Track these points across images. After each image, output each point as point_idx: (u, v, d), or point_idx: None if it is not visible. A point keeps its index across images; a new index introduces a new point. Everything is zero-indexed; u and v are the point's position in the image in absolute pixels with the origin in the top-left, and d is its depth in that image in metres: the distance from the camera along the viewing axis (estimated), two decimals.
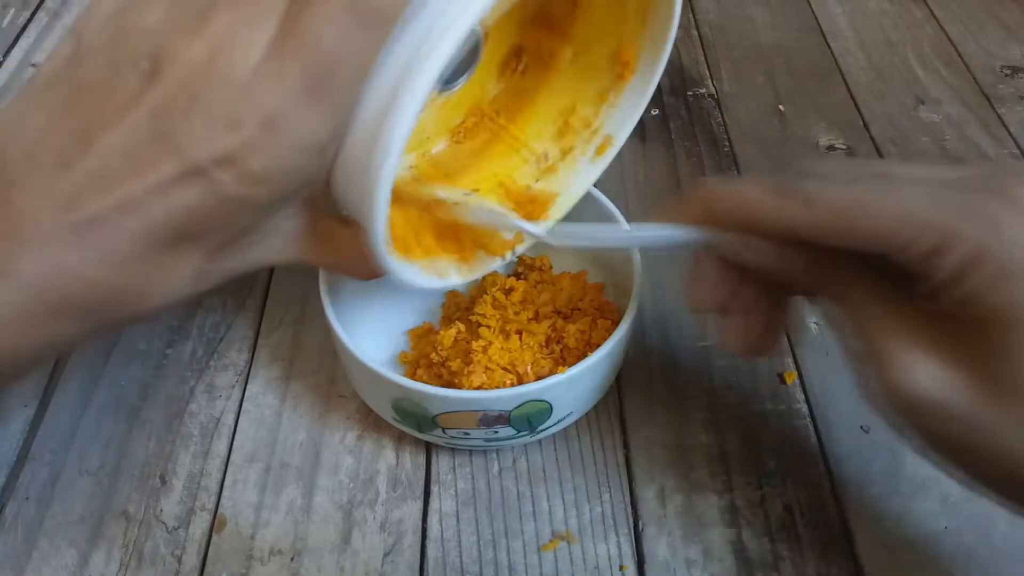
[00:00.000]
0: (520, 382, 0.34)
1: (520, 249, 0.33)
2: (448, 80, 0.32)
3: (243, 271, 0.27)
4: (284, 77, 0.21)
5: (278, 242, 0.27)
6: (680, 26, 0.63)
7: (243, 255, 0.26)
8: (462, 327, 0.37)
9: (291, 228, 0.27)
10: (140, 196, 0.22)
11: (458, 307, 0.40)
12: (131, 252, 0.22)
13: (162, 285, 0.24)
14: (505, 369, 0.35)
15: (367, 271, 0.28)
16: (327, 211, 0.28)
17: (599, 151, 0.34)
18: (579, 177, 0.35)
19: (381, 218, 0.24)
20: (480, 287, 0.39)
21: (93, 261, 0.22)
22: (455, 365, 0.35)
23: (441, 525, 0.35)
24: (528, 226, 0.31)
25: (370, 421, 0.38)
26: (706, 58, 0.60)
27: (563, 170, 0.35)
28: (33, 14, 0.63)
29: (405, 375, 0.35)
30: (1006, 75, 0.58)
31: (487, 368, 0.34)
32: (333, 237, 0.28)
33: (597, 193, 0.38)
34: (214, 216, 0.23)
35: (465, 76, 0.32)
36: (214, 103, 0.21)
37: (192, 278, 0.25)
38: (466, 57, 0.32)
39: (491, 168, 0.34)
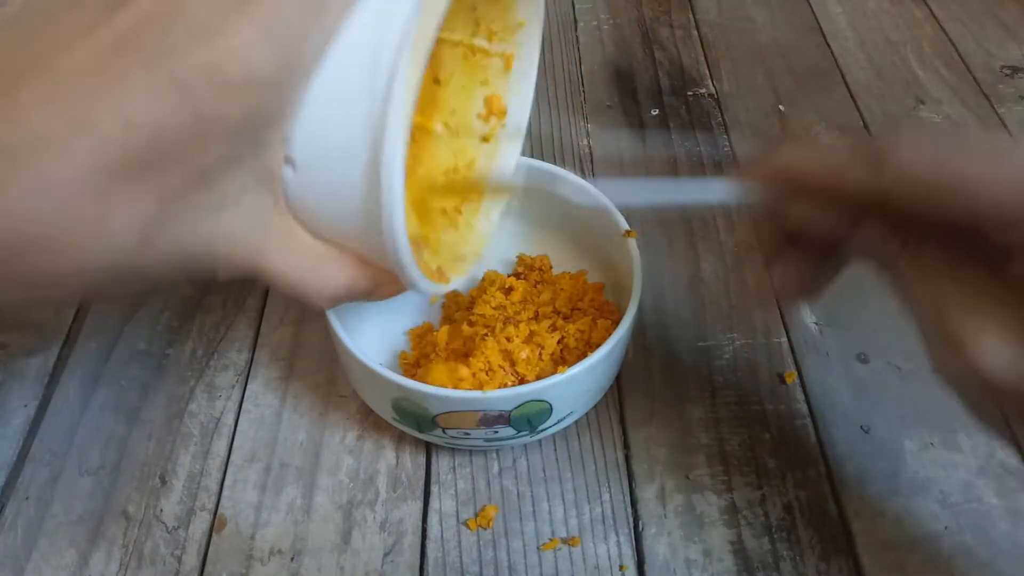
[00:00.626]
0: (520, 382, 0.34)
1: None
2: None
3: (194, 252, 0.23)
4: None
5: (234, 220, 0.24)
6: (680, 26, 0.64)
7: (196, 222, 0.23)
8: (462, 326, 0.37)
9: (249, 206, 0.24)
10: (98, 113, 0.20)
11: (458, 307, 0.40)
12: (75, 180, 0.20)
13: (104, 232, 0.21)
14: (505, 369, 0.35)
15: (341, 289, 0.27)
16: (287, 211, 0.26)
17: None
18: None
19: (400, 211, 0.23)
20: (480, 287, 0.39)
21: (25, 191, 0.19)
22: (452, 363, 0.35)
23: (441, 525, 0.35)
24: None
25: (370, 421, 0.38)
26: (706, 58, 0.60)
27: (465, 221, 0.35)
28: None
29: (405, 375, 0.35)
30: (1006, 75, 0.58)
31: (487, 368, 0.34)
32: (298, 240, 0.26)
33: (595, 191, 0.38)
34: (177, 137, 0.21)
35: None
36: (198, 11, 0.20)
37: (139, 233, 0.21)
38: None
39: None
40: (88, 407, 0.39)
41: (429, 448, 0.38)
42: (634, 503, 0.36)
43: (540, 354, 0.36)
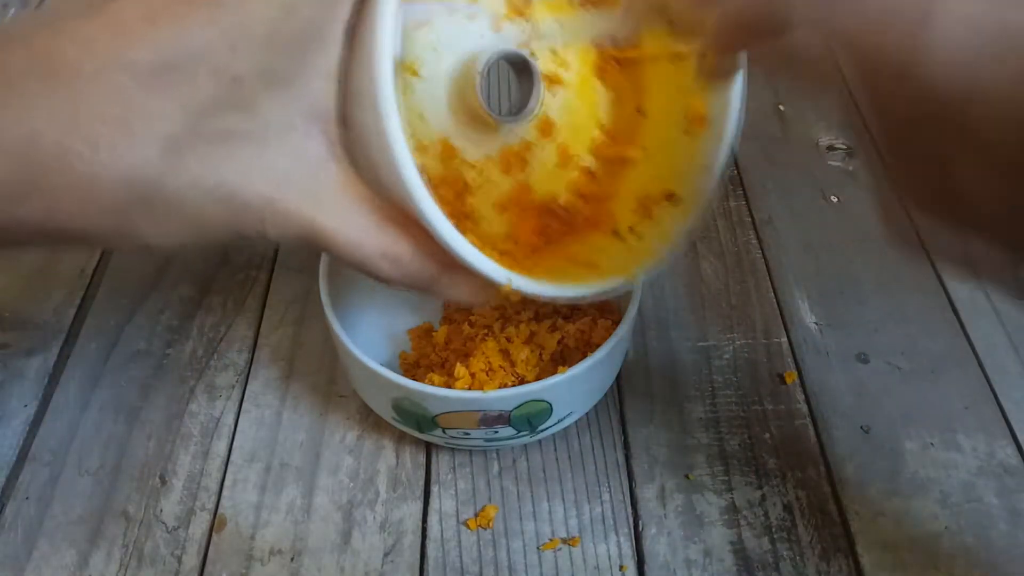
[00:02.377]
0: (520, 382, 0.34)
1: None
2: (513, 113, 0.32)
3: (230, 184, 0.22)
4: None
5: (280, 157, 0.22)
6: None
7: (231, 149, 0.21)
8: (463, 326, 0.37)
9: (297, 146, 0.22)
10: (128, 16, 0.19)
11: (458, 307, 0.40)
12: (98, 78, 0.19)
13: (124, 134, 0.20)
14: (505, 369, 0.35)
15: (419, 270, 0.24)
16: (348, 163, 0.23)
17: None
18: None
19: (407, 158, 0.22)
20: None
21: (44, 85, 0.19)
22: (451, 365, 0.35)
23: (441, 525, 0.35)
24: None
25: (370, 421, 0.38)
26: None
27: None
28: None
29: (405, 375, 0.35)
30: None
31: (487, 368, 0.34)
32: (360, 194, 0.24)
33: None
34: (202, 34, 0.20)
35: (526, 113, 0.32)
36: None
37: (164, 148, 0.20)
38: (521, 96, 0.32)
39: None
40: (88, 407, 0.39)
41: (429, 448, 0.38)
42: (634, 503, 0.36)
43: (540, 354, 0.36)
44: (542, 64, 0.33)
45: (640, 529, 0.35)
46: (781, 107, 0.56)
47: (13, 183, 0.19)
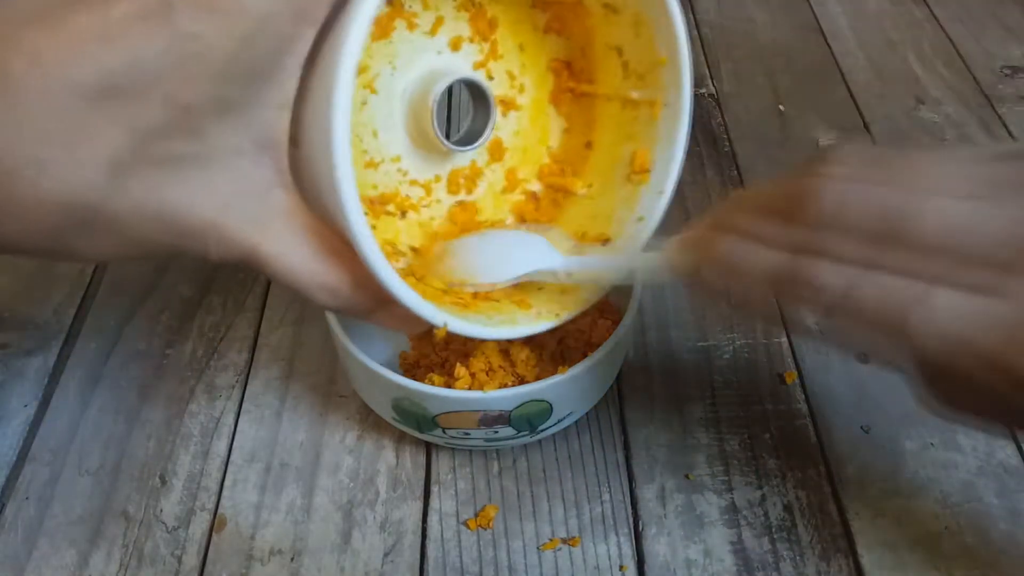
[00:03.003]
0: (520, 382, 0.34)
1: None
2: (464, 141, 0.32)
3: (173, 207, 0.21)
4: None
5: (226, 183, 0.22)
6: None
7: (176, 176, 0.21)
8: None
9: (245, 172, 0.22)
10: (79, 28, 0.19)
11: None
12: (44, 94, 0.18)
13: (69, 159, 0.19)
14: (505, 369, 0.35)
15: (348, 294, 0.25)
16: (295, 190, 0.23)
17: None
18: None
19: (356, 210, 0.22)
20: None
21: None
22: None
23: (441, 525, 0.35)
24: (542, 262, 0.30)
25: (370, 421, 0.38)
26: (706, 58, 0.60)
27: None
28: None
29: (405, 375, 0.35)
30: (1006, 75, 0.58)
31: (487, 368, 0.34)
32: (303, 223, 0.24)
33: None
34: (156, 62, 0.19)
35: (481, 141, 0.32)
36: None
37: (107, 170, 0.20)
38: (476, 120, 0.32)
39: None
40: (88, 407, 0.39)
41: (429, 448, 0.38)
42: (634, 503, 0.36)
43: (540, 354, 0.36)
44: (498, 86, 0.33)
45: (640, 529, 0.35)
46: (781, 107, 0.56)
47: None
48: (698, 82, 0.58)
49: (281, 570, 0.34)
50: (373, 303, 0.26)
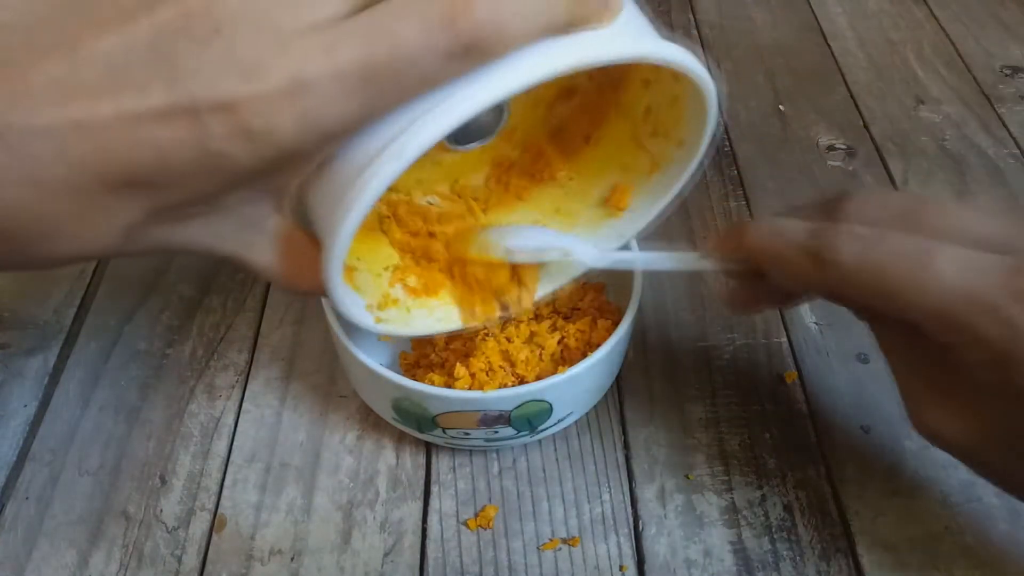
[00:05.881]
0: (520, 382, 0.34)
1: (539, 294, 0.32)
2: (460, 140, 0.31)
3: (176, 246, 0.23)
4: (336, 52, 0.19)
5: (228, 226, 0.23)
6: (681, 26, 0.64)
7: (184, 227, 0.23)
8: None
9: (248, 215, 0.24)
10: (107, 119, 0.19)
11: None
12: (68, 181, 0.19)
13: (86, 230, 0.20)
14: (505, 369, 0.35)
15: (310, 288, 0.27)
16: (289, 213, 0.25)
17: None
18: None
19: (343, 246, 0.23)
20: None
21: (17, 178, 0.19)
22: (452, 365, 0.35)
23: (441, 525, 0.35)
24: (580, 249, 0.30)
25: (370, 421, 0.38)
26: (706, 58, 0.60)
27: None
28: None
29: (405, 375, 0.35)
30: (1006, 75, 0.58)
31: (487, 368, 0.34)
32: (291, 241, 0.26)
33: None
34: (182, 167, 0.20)
35: (481, 142, 0.32)
36: (240, 43, 0.19)
37: (121, 234, 0.21)
38: (486, 124, 0.31)
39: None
40: (88, 407, 0.39)
41: (429, 448, 0.38)
42: (634, 503, 0.36)
43: (540, 354, 0.36)
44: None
45: (640, 529, 0.35)
46: (781, 107, 0.56)
47: None
48: None
49: (281, 570, 0.34)
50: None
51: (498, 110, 0.31)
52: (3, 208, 0.19)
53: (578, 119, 0.33)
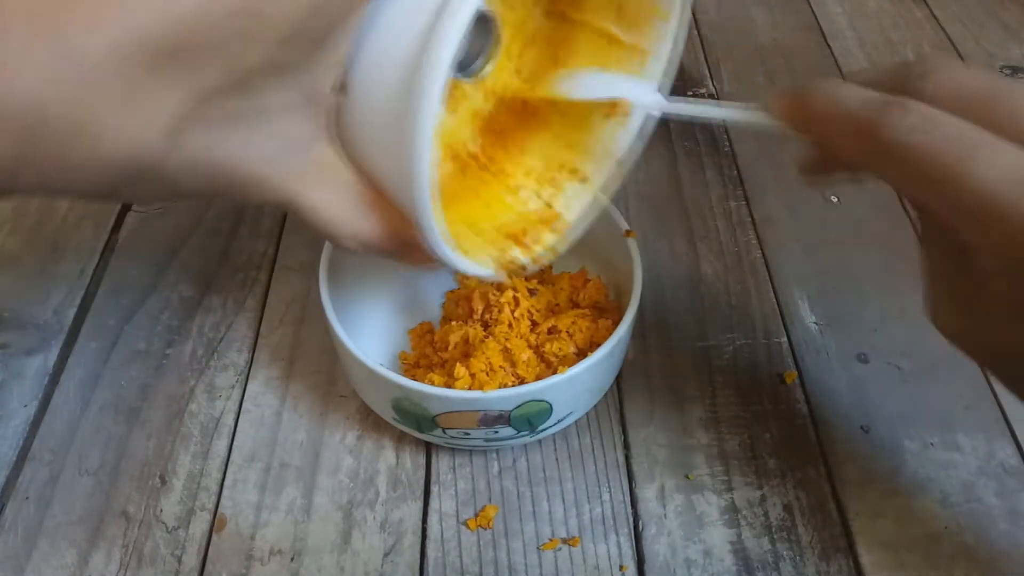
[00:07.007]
0: (520, 382, 0.34)
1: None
2: (464, 67, 0.31)
3: (222, 164, 0.22)
4: None
5: (273, 137, 0.23)
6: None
7: (228, 136, 0.22)
8: (466, 327, 0.37)
9: (291, 126, 0.23)
10: None
11: (457, 307, 0.40)
12: (105, 60, 0.18)
13: (128, 119, 0.19)
14: (505, 369, 0.35)
15: (392, 243, 0.26)
16: (335, 141, 0.25)
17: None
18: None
19: (425, 173, 0.22)
20: (480, 287, 0.39)
21: (50, 61, 0.17)
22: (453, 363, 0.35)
23: (441, 525, 0.35)
24: (638, 94, 0.30)
25: (370, 421, 0.38)
26: (706, 58, 0.60)
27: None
28: None
29: (405, 375, 0.35)
30: (1006, 75, 0.58)
31: (488, 368, 0.34)
32: (340, 174, 0.25)
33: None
34: (221, 29, 0.19)
35: (480, 64, 0.31)
36: None
37: (166, 130, 0.20)
38: (477, 41, 0.31)
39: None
40: (88, 407, 0.39)
41: (429, 448, 0.38)
42: (634, 503, 0.36)
43: (540, 354, 0.36)
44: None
45: (640, 529, 0.35)
46: None
47: (9, 160, 0.18)
48: (698, 82, 0.58)
49: (281, 570, 0.34)
50: (400, 250, 0.27)
51: (487, 31, 0.30)
52: (41, 96, 0.17)
53: (545, 45, 0.33)
